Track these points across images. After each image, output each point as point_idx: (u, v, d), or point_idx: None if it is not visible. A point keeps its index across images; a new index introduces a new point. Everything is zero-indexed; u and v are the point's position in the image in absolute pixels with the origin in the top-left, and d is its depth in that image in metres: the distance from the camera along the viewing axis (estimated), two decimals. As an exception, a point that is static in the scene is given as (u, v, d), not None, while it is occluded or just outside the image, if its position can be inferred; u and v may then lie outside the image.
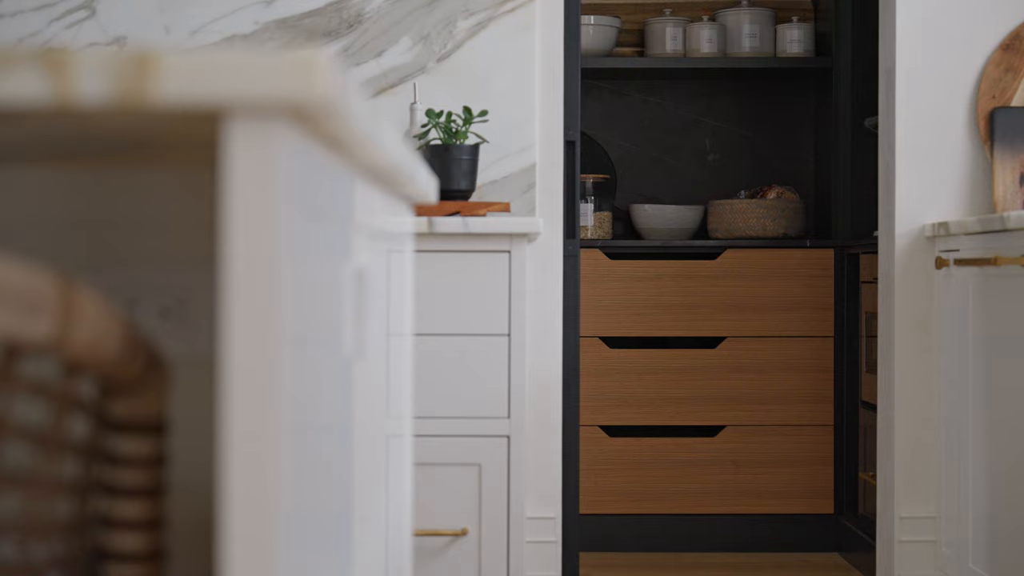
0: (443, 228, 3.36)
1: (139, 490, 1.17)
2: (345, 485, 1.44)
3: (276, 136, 0.97)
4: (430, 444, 3.37)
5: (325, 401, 1.29)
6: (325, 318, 1.27)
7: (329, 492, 1.33)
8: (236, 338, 0.96)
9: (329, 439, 1.33)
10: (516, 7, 3.92)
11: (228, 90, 0.95)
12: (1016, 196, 3.84)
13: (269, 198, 0.97)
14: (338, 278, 1.34)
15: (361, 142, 1.19)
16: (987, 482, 3.53)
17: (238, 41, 3.93)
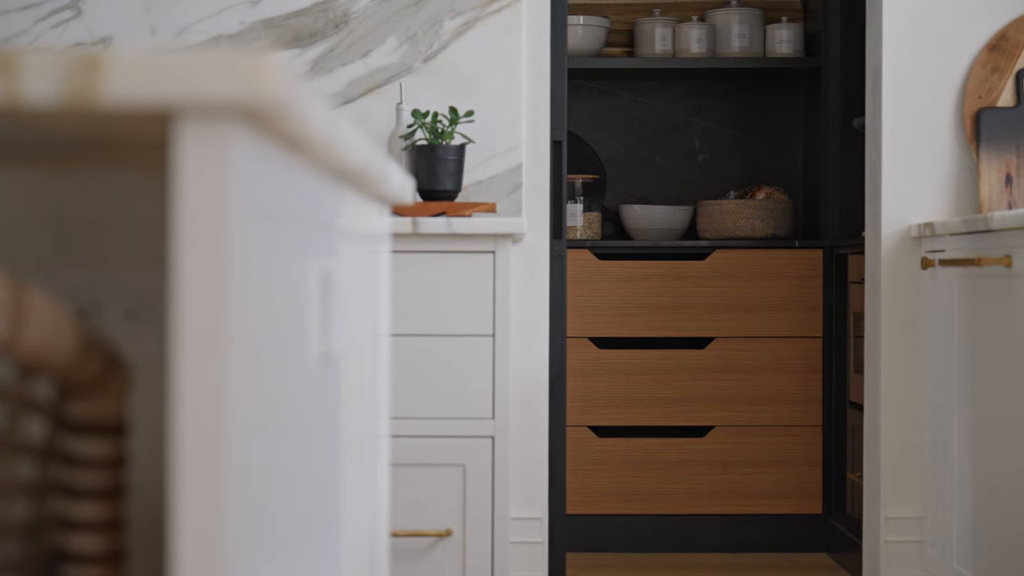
0: (427, 229, 3.35)
1: (98, 491, 1.17)
2: (313, 486, 1.44)
3: (227, 137, 0.97)
4: (414, 445, 3.37)
5: (290, 403, 1.29)
6: (288, 319, 1.26)
7: (295, 493, 1.33)
8: (187, 340, 0.96)
9: (295, 440, 1.33)
10: (502, 7, 3.92)
11: (178, 91, 0.95)
12: (1002, 196, 3.84)
13: (221, 199, 0.96)
14: (303, 279, 1.34)
15: (321, 143, 1.19)
16: (971, 483, 3.52)
17: (224, 41, 3.93)
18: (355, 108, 3.92)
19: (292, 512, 1.31)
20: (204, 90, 0.95)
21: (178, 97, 0.95)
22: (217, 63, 0.95)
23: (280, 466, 1.24)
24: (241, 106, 0.95)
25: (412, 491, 3.36)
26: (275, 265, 1.17)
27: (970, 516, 3.54)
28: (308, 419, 1.40)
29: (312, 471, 1.43)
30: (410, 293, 3.38)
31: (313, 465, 1.44)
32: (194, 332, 0.96)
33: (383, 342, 2.08)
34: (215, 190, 0.96)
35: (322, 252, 1.43)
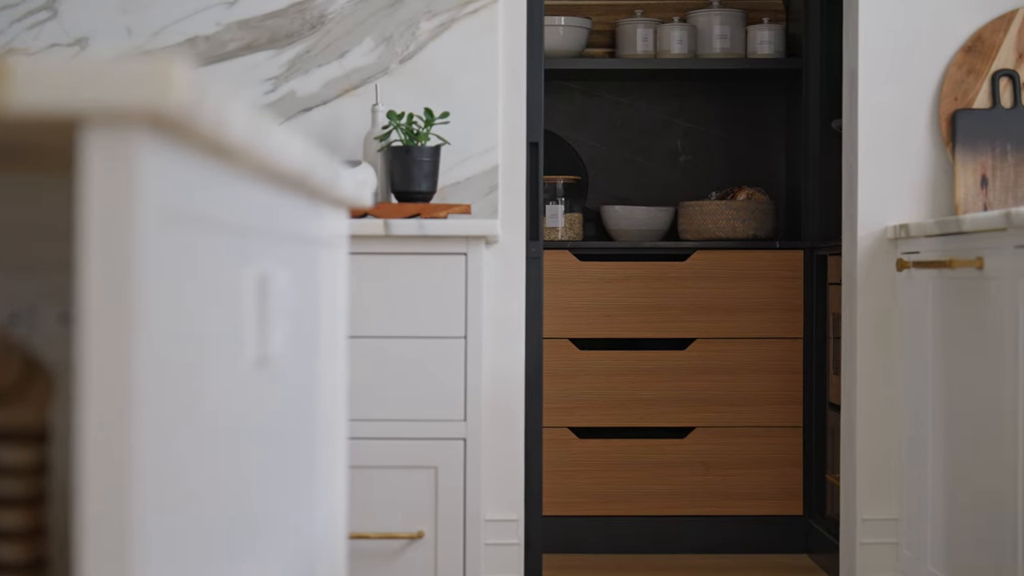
0: (399, 231, 3.35)
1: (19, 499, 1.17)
2: (252, 486, 1.44)
3: (133, 145, 0.97)
4: (386, 446, 3.36)
5: (221, 405, 1.29)
6: (218, 323, 1.26)
7: (229, 494, 1.33)
8: (92, 345, 0.96)
9: (228, 442, 1.33)
10: (479, 8, 3.92)
11: (84, 99, 0.95)
12: (977, 198, 3.84)
13: (126, 206, 0.96)
14: (236, 284, 1.34)
15: (245, 149, 1.19)
16: (945, 484, 3.52)
17: (200, 42, 3.92)
18: (331, 109, 3.92)
19: (225, 513, 1.31)
20: (109, 98, 0.95)
21: (83, 105, 0.95)
22: (122, 71, 0.95)
23: (209, 467, 1.24)
24: (146, 113, 0.95)
25: (384, 493, 3.36)
26: (198, 270, 1.17)
27: (944, 518, 3.54)
28: (244, 421, 1.40)
29: (250, 472, 1.43)
30: (382, 295, 3.38)
31: (251, 466, 1.43)
32: (99, 338, 0.96)
33: (339, 344, 2.08)
34: (120, 197, 0.96)
35: (259, 257, 1.43)
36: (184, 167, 1.08)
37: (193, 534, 1.18)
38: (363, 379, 3.36)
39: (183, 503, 1.14)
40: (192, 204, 1.12)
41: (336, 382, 2.07)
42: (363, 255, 3.38)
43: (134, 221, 0.97)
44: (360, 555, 3.34)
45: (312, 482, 1.85)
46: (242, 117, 1.15)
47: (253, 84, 3.92)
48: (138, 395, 0.98)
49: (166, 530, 1.08)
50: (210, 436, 1.25)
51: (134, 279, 0.97)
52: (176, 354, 1.10)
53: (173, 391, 1.09)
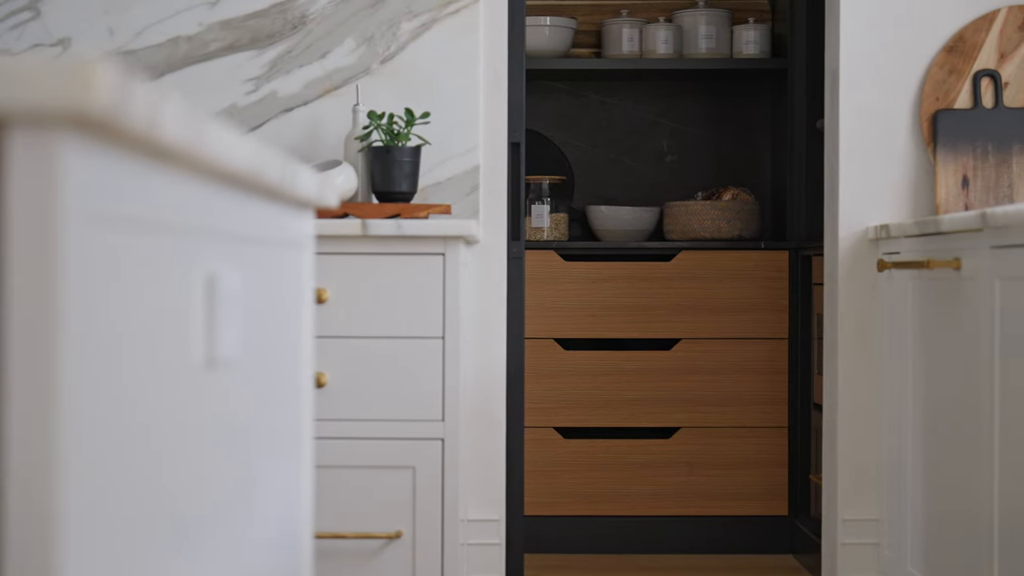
0: (377, 231, 3.35)
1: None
2: (195, 487, 1.44)
3: (57, 146, 0.97)
4: (364, 446, 3.36)
5: (163, 406, 1.29)
6: (156, 325, 1.26)
7: (170, 493, 1.33)
8: (14, 346, 0.96)
9: (170, 442, 1.33)
10: (460, 8, 3.92)
11: (6, 98, 0.95)
12: (959, 198, 3.84)
13: (50, 208, 0.96)
14: (181, 285, 1.34)
15: (183, 149, 1.19)
16: (924, 485, 3.52)
17: (182, 42, 3.92)
18: (313, 109, 3.93)
19: (165, 510, 1.31)
20: (32, 98, 0.95)
21: (5, 105, 0.95)
22: (45, 71, 0.95)
23: (145, 466, 1.24)
24: (69, 114, 0.95)
25: (362, 493, 3.36)
26: (133, 271, 1.17)
27: (923, 518, 3.54)
28: (191, 421, 1.40)
29: (196, 471, 1.43)
30: (360, 295, 3.38)
31: (198, 465, 1.43)
32: (21, 340, 0.96)
33: (304, 344, 2.08)
34: (43, 198, 0.96)
35: (206, 257, 1.43)
36: (114, 168, 1.08)
37: (127, 531, 1.18)
38: (341, 379, 3.36)
39: (114, 501, 1.14)
40: (124, 205, 1.12)
41: (301, 382, 2.07)
42: (341, 255, 3.38)
43: (57, 222, 0.97)
44: (338, 555, 3.35)
45: (273, 481, 1.85)
46: (177, 118, 1.15)
47: (235, 84, 3.92)
48: (63, 397, 0.98)
49: (95, 528, 1.08)
50: (146, 435, 1.25)
51: (57, 280, 0.97)
52: (106, 355, 1.10)
53: (102, 392, 1.09)
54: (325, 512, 3.35)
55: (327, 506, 3.36)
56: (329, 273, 3.37)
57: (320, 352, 3.37)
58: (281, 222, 1.85)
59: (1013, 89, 3.87)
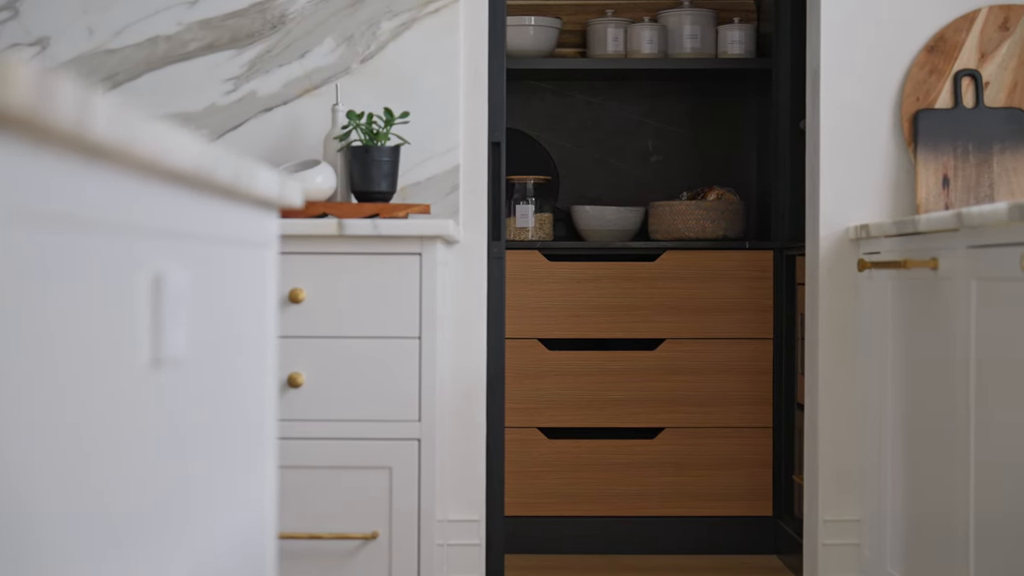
0: (353, 230, 3.34)
1: None
2: (140, 487, 1.43)
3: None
4: (340, 447, 3.36)
5: (103, 407, 1.28)
6: (92, 325, 1.25)
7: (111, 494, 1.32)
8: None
9: (111, 446, 1.32)
10: (440, 8, 3.91)
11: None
12: (939, 198, 3.83)
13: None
14: (118, 285, 1.33)
15: (118, 147, 1.18)
16: (904, 485, 3.52)
17: (161, 42, 3.92)
18: (292, 109, 3.92)
19: (106, 509, 1.30)
20: (-53, 96, 0.94)
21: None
22: (-39, 69, 0.94)
23: (83, 467, 1.23)
24: (-15, 112, 0.94)
25: (338, 493, 3.35)
26: (70, 270, 1.16)
27: (902, 519, 3.53)
28: (135, 421, 1.39)
29: (140, 472, 1.42)
30: (337, 295, 3.37)
31: (141, 466, 1.43)
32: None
33: (267, 344, 2.07)
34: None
35: (151, 257, 1.42)
36: (39, 166, 1.07)
37: (59, 531, 1.17)
38: (317, 379, 3.36)
39: (44, 500, 1.13)
40: (53, 203, 1.11)
41: (263, 382, 2.06)
42: (318, 255, 3.37)
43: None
44: (314, 555, 3.34)
45: (231, 482, 1.84)
46: (107, 116, 1.14)
47: (214, 84, 3.91)
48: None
49: (24, 530, 1.07)
50: (82, 435, 1.24)
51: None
52: (35, 355, 1.09)
53: (30, 392, 1.08)
54: (301, 512, 3.35)
55: (303, 506, 3.35)
56: (306, 273, 3.37)
57: (296, 352, 3.36)
58: (239, 221, 1.84)
59: (994, 89, 3.87)
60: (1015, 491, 2.69)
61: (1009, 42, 3.87)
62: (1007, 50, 3.87)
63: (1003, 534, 2.77)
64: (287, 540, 3.34)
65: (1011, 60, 3.86)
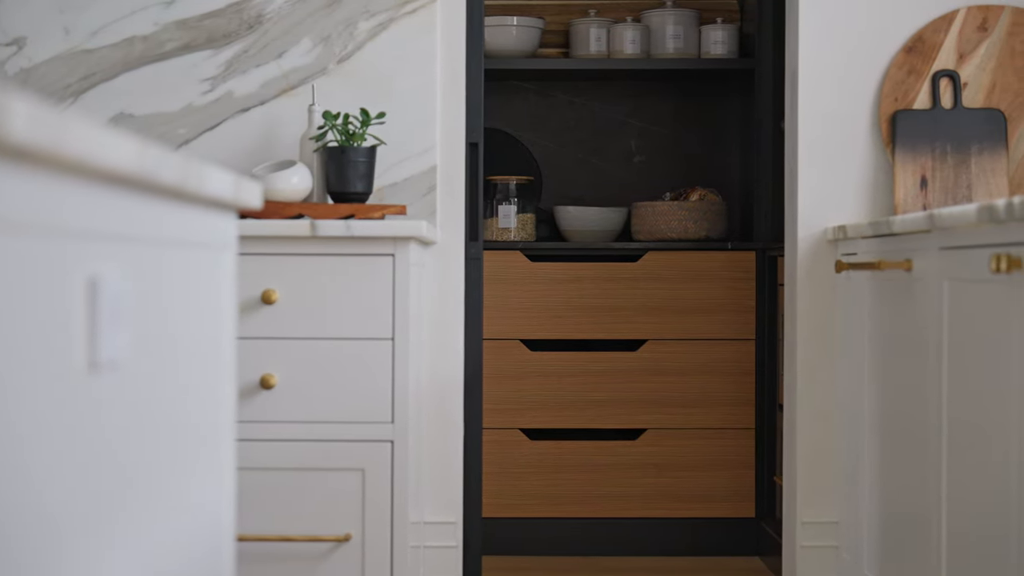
0: (325, 231, 3.33)
1: None
2: (79, 488, 1.42)
3: None
4: (313, 448, 3.34)
5: (31, 413, 1.27)
6: (26, 329, 1.24)
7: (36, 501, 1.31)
8: None
9: (42, 450, 1.31)
10: (417, 8, 3.90)
11: None
12: (917, 199, 3.82)
13: None
14: (48, 288, 1.32)
15: (41, 149, 1.17)
16: (879, 487, 3.51)
17: (138, 42, 3.90)
18: (269, 109, 3.91)
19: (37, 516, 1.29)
20: None
21: None
22: None
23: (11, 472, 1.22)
24: None
25: (311, 495, 3.34)
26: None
27: (878, 521, 3.52)
28: (71, 425, 1.38)
29: (75, 476, 1.41)
30: (310, 296, 3.36)
31: (77, 470, 1.42)
32: None
33: (223, 346, 2.06)
34: None
35: (87, 259, 1.41)
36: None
37: None
38: (290, 380, 3.35)
39: None
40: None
41: (219, 384, 2.05)
42: (291, 256, 3.36)
43: None
44: (286, 557, 3.33)
45: (181, 486, 1.83)
46: (28, 117, 1.13)
47: (191, 84, 3.90)
48: None
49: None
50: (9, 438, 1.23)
51: None
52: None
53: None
54: (273, 514, 3.33)
55: (276, 508, 3.34)
56: (279, 274, 3.35)
57: (269, 353, 3.35)
58: (189, 223, 1.83)
59: (972, 89, 3.86)
60: (985, 493, 2.68)
61: (987, 43, 3.86)
62: (985, 51, 3.86)
63: (974, 537, 2.76)
64: (259, 542, 3.33)
65: (989, 61, 3.85)
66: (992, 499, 2.64)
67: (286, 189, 3.64)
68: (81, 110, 3.88)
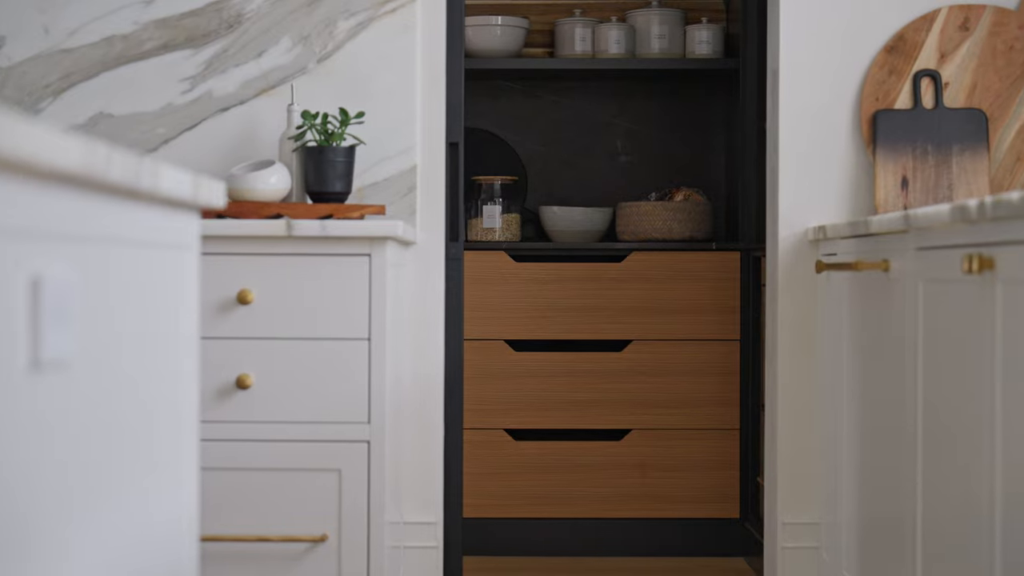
0: (301, 231, 3.32)
1: None
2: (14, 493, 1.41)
3: None
4: (289, 449, 3.34)
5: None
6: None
7: None
8: None
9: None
10: (397, 7, 3.89)
11: None
12: (898, 199, 3.81)
13: None
14: None
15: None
16: (858, 487, 3.50)
17: (117, 41, 3.90)
18: (249, 109, 3.90)
19: None
20: None
21: None
22: None
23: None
24: None
25: (287, 495, 3.33)
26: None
27: (857, 521, 3.51)
28: (11, 424, 1.37)
29: (15, 475, 1.40)
30: (286, 296, 3.35)
31: (16, 468, 1.41)
32: None
33: (184, 346, 2.05)
34: None
35: (28, 258, 1.40)
36: None
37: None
38: (266, 381, 3.34)
39: None
40: None
41: (179, 385, 2.04)
42: (267, 256, 3.35)
43: None
44: (262, 558, 3.32)
45: (140, 485, 1.82)
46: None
47: (170, 84, 3.89)
48: None
49: None
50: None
51: None
52: None
53: None
54: (250, 514, 3.33)
55: (252, 508, 3.33)
56: (255, 274, 3.35)
57: (245, 353, 3.34)
58: (144, 223, 1.82)
59: (953, 89, 3.85)
60: (959, 494, 2.67)
61: (969, 42, 3.85)
62: (967, 50, 3.85)
63: (948, 538, 2.76)
64: (235, 542, 3.32)
65: (971, 60, 3.85)
66: (965, 499, 2.63)
67: (264, 189, 3.63)
68: (61, 109, 3.87)
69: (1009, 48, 3.84)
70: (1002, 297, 2.45)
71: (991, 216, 2.43)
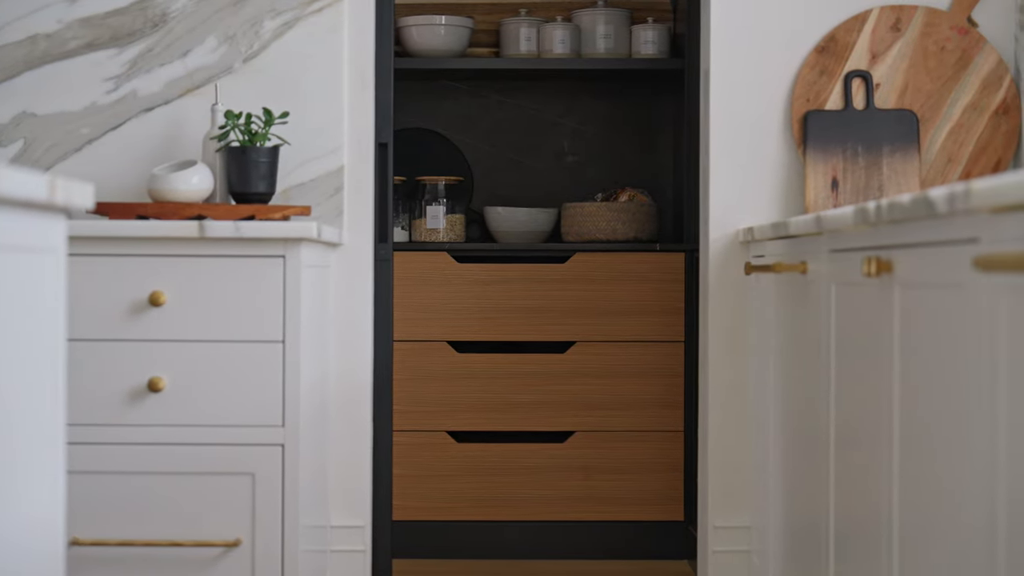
0: (214, 232, 3.29)
1: None
2: None
3: None
4: (202, 452, 3.30)
5: None
6: None
7: None
8: None
9: None
10: (323, 7, 3.86)
11: None
12: (828, 200, 3.78)
13: None
14: None
15: None
16: (783, 490, 3.47)
17: (41, 40, 3.86)
18: (173, 109, 3.86)
19: None
20: None
21: None
22: None
23: None
24: None
25: (200, 500, 3.29)
26: None
27: (783, 525, 3.48)
28: None
29: None
30: (199, 298, 3.31)
31: None
32: None
33: (50, 349, 2.01)
34: None
35: None
36: None
37: None
38: (178, 384, 3.30)
39: None
40: None
41: (45, 388, 2.00)
42: (179, 257, 3.31)
43: None
44: (174, 563, 3.28)
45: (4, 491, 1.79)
46: None
47: (95, 83, 3.86)
48: None
49: None
50: None
51: None
52: None
53: None
54: (162, 519, 3.29)
55: (163, 513, 3.29)
56: (167, 276, 3.31)
57: (157, 356, 3.30)
58: None
59: (885, 90, 3.82)
60: (866, 495, 2.64)
61: (900, 43, 3.82)
62: (898, 51, 3.82)
63: (859, 542, 2.72)
64: (146, 547, 3.28)
65: (902, 61, 3.81)
66: (872, 501, 2.60)
67: (186, 189, 3.59)
68: (-15, 109, 3.84)
69: (941, 49, 3.81)
70: (899, 300, 2.42)
71: (888, 219, 2.40)
